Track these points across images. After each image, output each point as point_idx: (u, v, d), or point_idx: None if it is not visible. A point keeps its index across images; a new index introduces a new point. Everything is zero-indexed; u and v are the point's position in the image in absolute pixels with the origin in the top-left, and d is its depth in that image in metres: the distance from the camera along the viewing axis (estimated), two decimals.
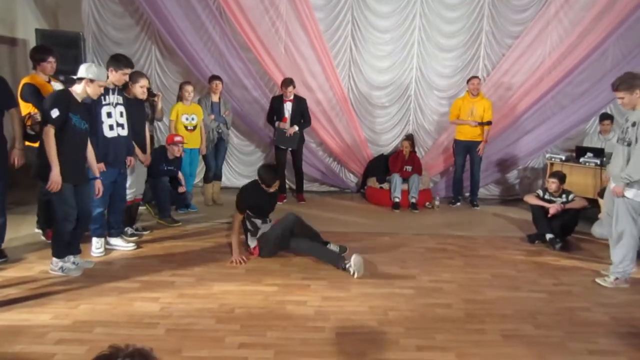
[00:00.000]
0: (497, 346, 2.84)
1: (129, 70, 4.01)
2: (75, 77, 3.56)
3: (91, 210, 3.78)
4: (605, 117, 6.23)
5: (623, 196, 3.71)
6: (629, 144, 3.70)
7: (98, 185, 3.74)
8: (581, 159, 5.87)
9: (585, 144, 6.28)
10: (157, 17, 6.11)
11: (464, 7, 6.80)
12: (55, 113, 3.33)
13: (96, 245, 4.05)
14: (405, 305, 3.34)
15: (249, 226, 4.19)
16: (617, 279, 3.87)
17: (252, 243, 4.19)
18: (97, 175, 3.75)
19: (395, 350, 2.73)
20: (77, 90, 3.52)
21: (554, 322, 3.19)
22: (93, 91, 3.53)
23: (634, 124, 3.69)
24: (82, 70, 3.49)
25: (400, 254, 4.48)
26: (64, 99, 3.43)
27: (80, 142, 3.58)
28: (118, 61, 3.94)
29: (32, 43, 5.93)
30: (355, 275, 3.79)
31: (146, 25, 6.57)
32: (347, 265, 3.85)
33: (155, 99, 4.79)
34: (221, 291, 3.44)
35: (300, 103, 6.09)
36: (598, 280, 3.95)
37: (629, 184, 3.68)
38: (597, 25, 6.43)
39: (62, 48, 5.31)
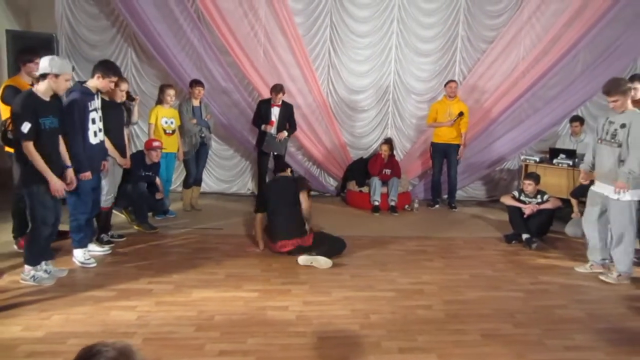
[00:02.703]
0: (478, 346, 2.87)
1: (116, 79, 3.96)
2: (37, 73, 3.39)
3: (61, 213, 3.65)
4: (575, 119, 6.40)
5: (624, 191, 3.83)
6: (619, 145, 3.85)
7: (70, 174, 3.56)
8: (554, 160, 6.00)
9: (558, 145, 6.43)
10: (133, 19, 6.01)
11: (440, 12, 6.91)
12: (26, 128, 3.18)
13: (85, 257, 3.91)
14: (387, 308, 3.34)
15: None
16: (619, 275, 4.00)
17: None
18: (69, 164, 3.61)
19: (377, 353, 2.73)
20: (41, 88, 3.33)
21: (532, 320, 3.24)
22: (59, 87, 3.37)
23: (623, 126, 3.84)
24: (45, 65, 3.30)
25: (381, 256, 4.49)
26: (30, 106, 3.24)
27: (55, 142, 3.47)
28: (107, 69, 3.86)
29: (3, 44, 5.76)
30: (302, 262, 4.12)
31: (122, 27, 6.46)
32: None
33: (133, 102, 4.72)
34: (200, 298, 3.38)
35: (287, 109, 6.08)
36: (602, 277, 4.06)
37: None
38: (567, 30, 6.61)
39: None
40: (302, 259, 4.14)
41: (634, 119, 3.82)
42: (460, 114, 6.29)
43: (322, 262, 4.12)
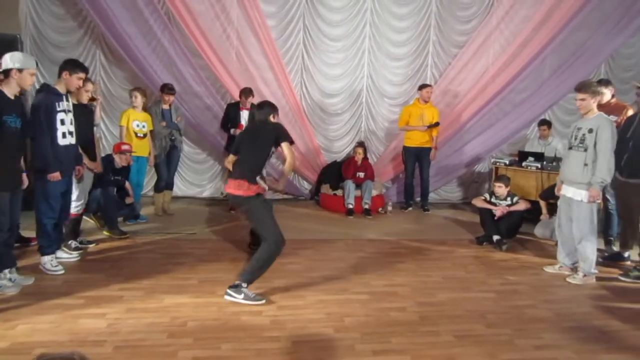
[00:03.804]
0: (451, 347, 2.90)
1: (84, 75, 3.86)
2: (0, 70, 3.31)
3: (18, 218, 3.54)
4: (543, 122, 6.60)
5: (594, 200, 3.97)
6: (585, 150, 3.96)
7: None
8: (523, 163, 6.16)
9: (527, 148, 6.60)
10: (102, 20, 5.87)
11: (412, 17, 7.02)
12: None
13: (52, 264, 3.78)
14: (361, 311, 3.36)
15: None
16: (585, 275, 4.11)
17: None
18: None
19: (351, 356, 2.73)
20: (6, 86, 3.27)
21: (502, 320, 3.31)
22: (24, 82, 3.30)
23: (590, 130, 3.95)
24: (7, 61, 3.24)
25: (355, 259, 4.51)
26: None
27: (16, 143, 3.37)
28: (74, 65, 3.78)
29: None
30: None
31: (90, 28, 6.32)
32: None
33: (94, 103, 4.61)
34: (173, 304, 3.32)
35: None
36: (569, 279, 4.15)
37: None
38: (535, 36, 6.81)
39: None
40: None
41: (601, 124, 3.92)
42: (436, 124, 6.41)
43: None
